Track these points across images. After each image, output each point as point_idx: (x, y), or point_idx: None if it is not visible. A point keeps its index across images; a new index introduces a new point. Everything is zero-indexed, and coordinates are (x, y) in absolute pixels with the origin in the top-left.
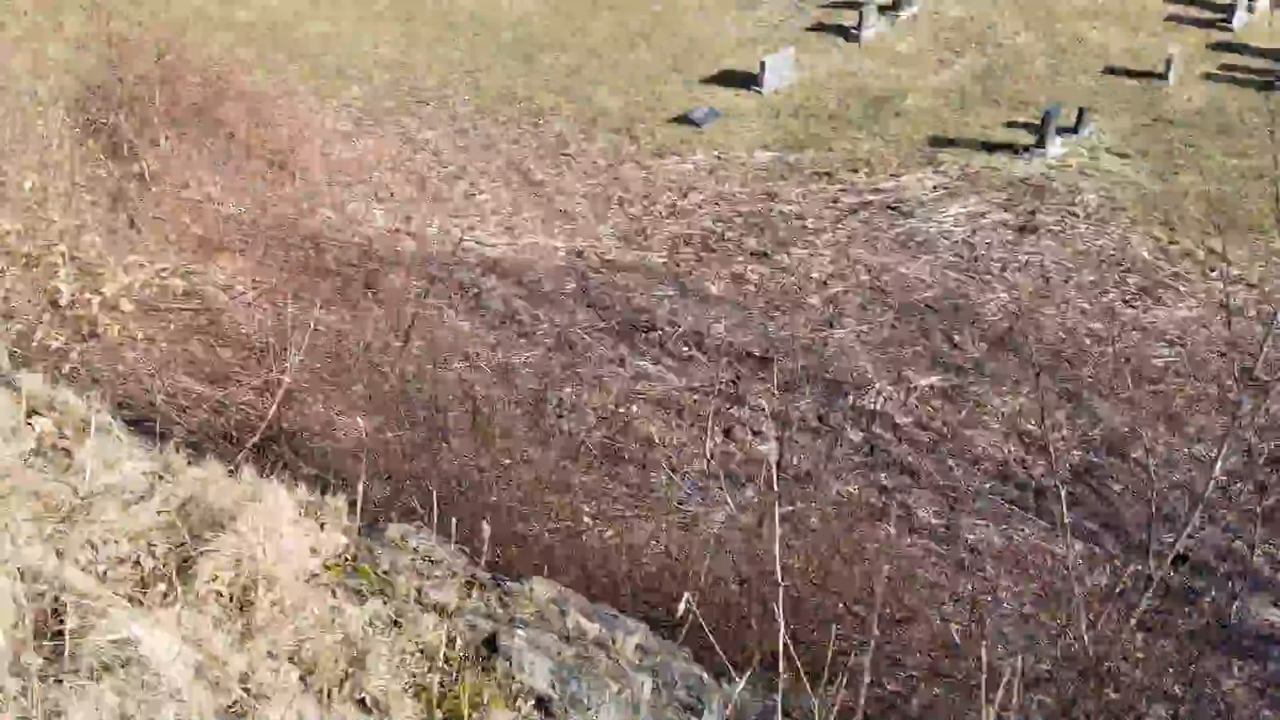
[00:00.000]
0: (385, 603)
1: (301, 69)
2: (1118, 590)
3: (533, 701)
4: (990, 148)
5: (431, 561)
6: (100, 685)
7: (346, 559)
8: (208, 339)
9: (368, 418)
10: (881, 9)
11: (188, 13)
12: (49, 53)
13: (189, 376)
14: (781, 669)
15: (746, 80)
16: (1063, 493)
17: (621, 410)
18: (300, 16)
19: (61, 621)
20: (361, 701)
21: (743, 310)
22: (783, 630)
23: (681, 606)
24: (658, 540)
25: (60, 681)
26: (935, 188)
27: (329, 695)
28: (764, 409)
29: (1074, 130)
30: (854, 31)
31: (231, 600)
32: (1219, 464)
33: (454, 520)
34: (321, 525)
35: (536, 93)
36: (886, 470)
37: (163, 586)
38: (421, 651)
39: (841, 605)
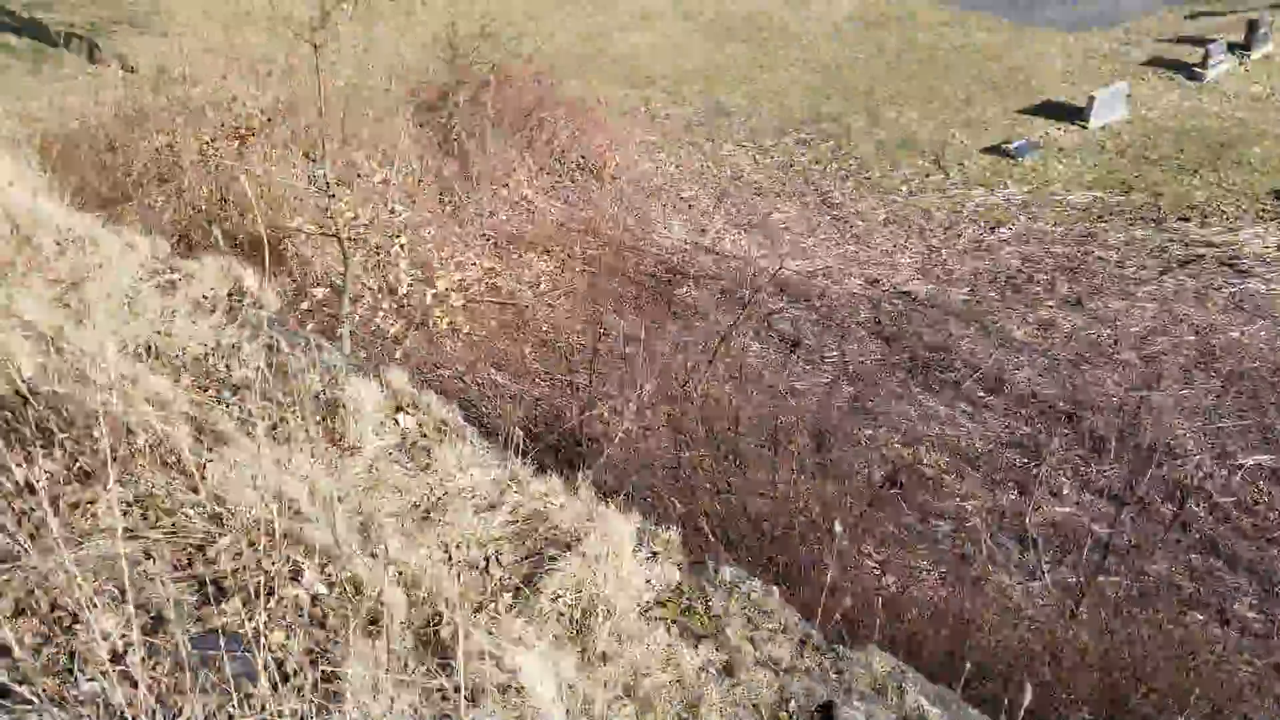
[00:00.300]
0: (718, 649)
1: (619, 79)
2: None
3: None
4: None
5: (763, 612)
6: (488, 710)
7: (681, 596)
8: (514, 334)
9: (669, 435)
10: (1231, 46)
11: (523, 21)
12: (400, 53)
13: (495, 369)
14: None
15: (1071, 114)
16: None
17: (908, 451)
18: (624, 30)
19: (436, 631)
20: None
21: (1049, 359)
22: None
23: None
24: (953, 603)
25: (445, 698)
26: None
27: None
28: (1068, 469)
29: None
30: (1197, 69)
31: (572, 623)
32: None
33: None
34: (653, 555)
35: (843, 112)
36: (1199, 552)
37: (508, 598)
38: (755, 706)
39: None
